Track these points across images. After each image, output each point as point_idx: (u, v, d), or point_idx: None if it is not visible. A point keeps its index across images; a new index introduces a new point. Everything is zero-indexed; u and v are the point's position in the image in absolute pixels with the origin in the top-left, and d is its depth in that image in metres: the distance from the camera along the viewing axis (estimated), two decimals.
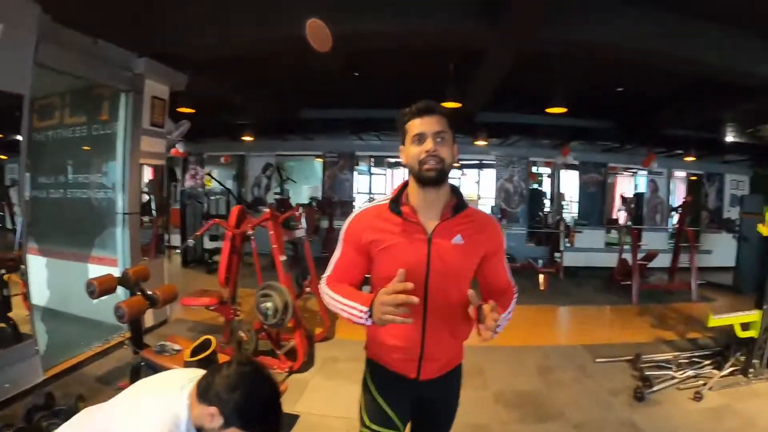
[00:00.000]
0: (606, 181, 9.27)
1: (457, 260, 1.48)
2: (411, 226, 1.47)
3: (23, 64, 3.13)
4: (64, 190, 4.69)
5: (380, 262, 1.50)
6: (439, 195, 1.47)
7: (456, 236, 1.47)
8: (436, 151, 1.39)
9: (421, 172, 1.41)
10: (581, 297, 6.72)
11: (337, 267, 1.58)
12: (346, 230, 1.56)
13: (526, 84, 5.90)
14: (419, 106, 1.44)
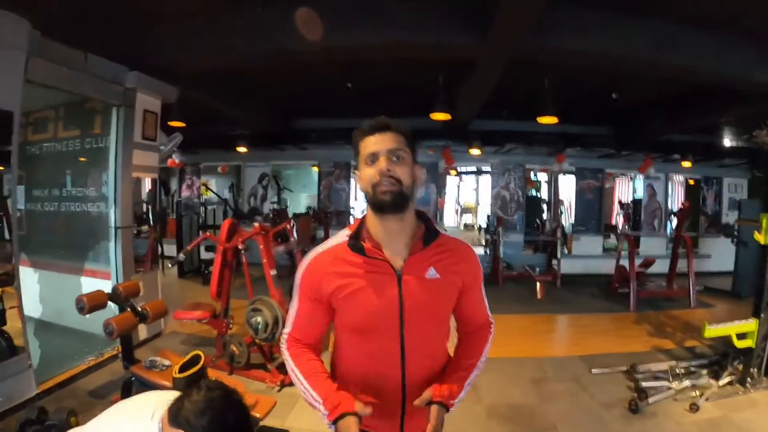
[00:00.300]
0: (603, 186, 9.24)
1: (433, 297, 1.31)
2: (376, 264, 1.28)
3: (13, 82, 3.15)
4: (58, 203, 4.70)
5: (345, 310, 1.31)
6: (404, 224, 1.29)
7: (429, 269, 1.30)
8: (390, 171, 1.22)
9: (375, 196, 1.23)
10: (578, 305, 6.67)
11: (297, 323, 1.39)
12: (302, 281, 1.36)
13: (519, 91, 5.92)
14: (371, 123, 1.28)
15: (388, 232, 1.29)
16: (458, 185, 15.54)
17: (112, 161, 4.37)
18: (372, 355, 1.32)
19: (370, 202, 1.26)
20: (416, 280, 1.29)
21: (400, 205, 1.24)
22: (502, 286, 7.82)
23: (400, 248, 1.30)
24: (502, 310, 6.25)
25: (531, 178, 10.84)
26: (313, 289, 1.32)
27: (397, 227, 1.29)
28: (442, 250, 1.34)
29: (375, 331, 1.29)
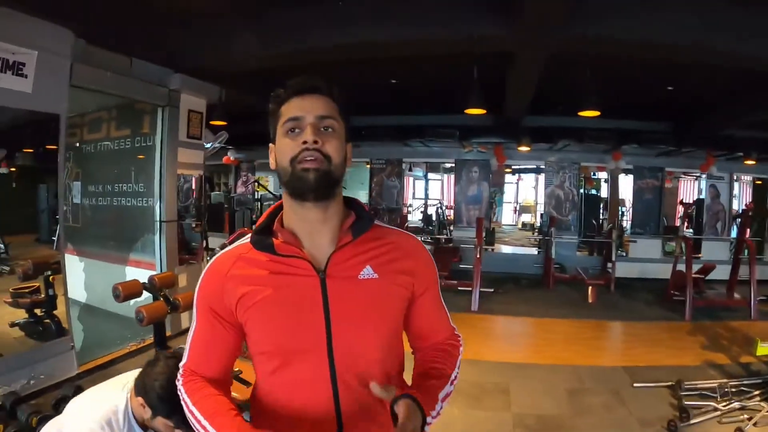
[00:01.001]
0: (663, 186, 8.57)
1: (371, 303, 0.99)
2: (291, 264, 0.98)
3: (59, 87, 3.42)
4: (110, 198, 5.06)
5: (252, 327, 0.99)
6: (330, 213, 0.99)
7: (365, 268, 1.00)
8: (317, 143, 0.93)
9: (294, 174, 0.93)
10: (630, 312, 6.23)
11: (193, 349, 1.05)
12: (199, 289, 1.04)
13: (570, 86, 5.60)
14: (296, 81, 0.99)
15: (308, 222, 0.99)
16: (517, 183, 15.12)
17: (157, 159, 4.64)
18: (294, 387, 0.99)
19: (287, 184, 0.96)
20: (346, 282, 0.98)
21: (327, 188, 0.95)
22: (552, 288, 7.46)
23: (325, 243, 1.00)
24: (548, 314, 6.02)
25: (590, 177, 10.31)
26: (211, 301, 1.01)
27: (320, 216, 0.98)
28: (382, 243, 1.04)
29: (294, 353, 0.98)
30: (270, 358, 0.99)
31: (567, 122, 7.32)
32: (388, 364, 1.04)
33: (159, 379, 1.43)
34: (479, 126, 7.84)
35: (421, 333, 1.13)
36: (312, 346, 0.96)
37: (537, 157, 8.83)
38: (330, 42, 4.29)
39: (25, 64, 3.16)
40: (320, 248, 0.99)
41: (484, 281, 6.53)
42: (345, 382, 0.97)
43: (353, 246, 1.00)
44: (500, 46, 4.25)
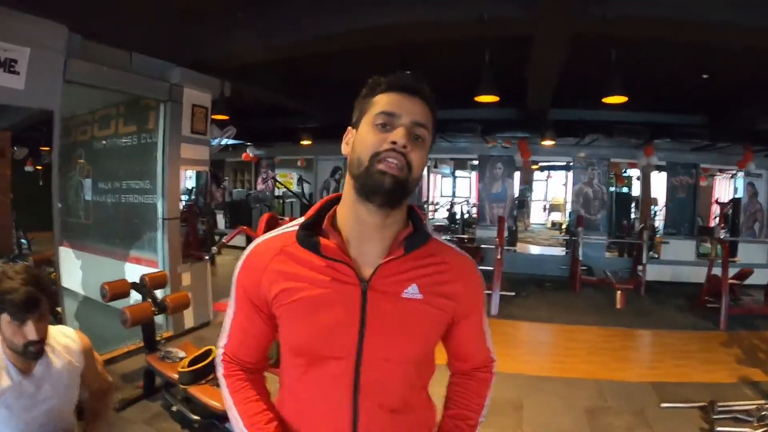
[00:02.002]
0: (697, 184, 8.03)
1: (411, 323, 0.95)
2: (335, 267, 0.94)
3: (52, 83, 3.38)
4: (118, 195, 5.04)
5: (286, 325, 0.99)
6: (388, 221, 0.94)
7: (410, 286, 0.95)
8: (406, 148, 0.88)
9: (370, 172, 0.88)
10: (661, 319, 5.81)
11: (233, 333, 1.06)
12: (238, 277, 1.03)
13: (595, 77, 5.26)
14: (402, 77, 0.93)
15: (363, 225, 0.94)
16: (546, 181, 14.63)
17: (160, 155, 4.56)
18: (316, 392, 0.97)
19: (358, 177, 0.90)
20: (388, 297, 0.94)
21: (398, 196, 0.90)
22: (578, 292, 7.10)
23: (375, 251, 0.96)
24: (572, 320, 5.69)
25: (621, 174, 9.80)
26: (250, 289, 1.00)
27: (377, 222, 0.93)
28: (432, 261, 0.99)
29: (321, 358, 0.95)
30: (296, 357, 0.98)
31: (594, 115, 6.94)
32: (413, 380, 1.01)
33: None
34: (502, 120, 7.56)
35: (459, 355, 1.13)
36: (340, 354, 0.93)
37: (564, 153, 8.44)
38: (338, 29, 4.09)
39: (17, 60, 3.13)
40: (369, 256, 0.96)
41: (506, 283, 6.24)
42: (365, 395, 0.94)
43: (403, 261, 0.96)
44: (515, 29, 3.95)
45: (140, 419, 3.11)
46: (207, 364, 3.03)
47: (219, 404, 2.80)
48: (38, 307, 1.46)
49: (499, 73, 4.89)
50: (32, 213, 3.99)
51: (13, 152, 3.89)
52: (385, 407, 0.95)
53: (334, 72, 6.28)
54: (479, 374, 1.15)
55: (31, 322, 1.45)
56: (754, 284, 6.37)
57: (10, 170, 3.83)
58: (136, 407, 3.26)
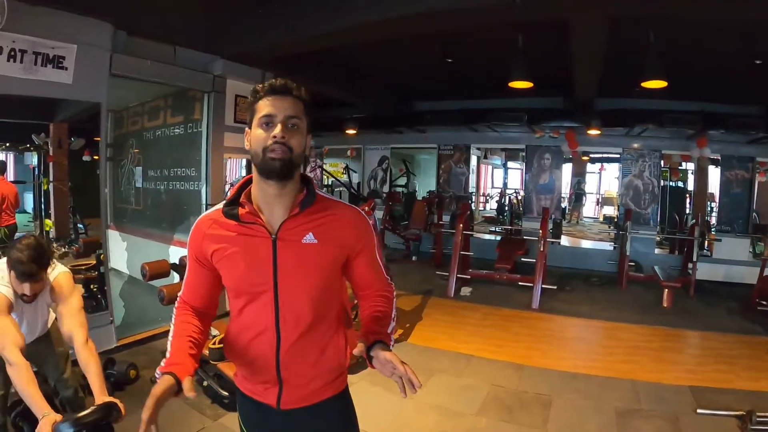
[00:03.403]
0: (753, 179, 7.42)
1: (310, 263, 1.28)
2: (251, 228, 1.27)
3: (99, 77, 3.63)
4: (166, 182, 5.34)
5: (224, 274, 1.32)
6: (286, 190, 1.26)
7: (307, 234, 1.27)
8: (284, 138, 1.18)
9: (264, 160, 1.19)
10: (708, 321, 5.47)
11: (186, 286, 1.42)
12: (189, 242, 1.38)
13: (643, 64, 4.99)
14: (273, 83, 1.23)
15: (269, 196, 1.26)
16: (599, 173, 13.98)
17: (203, 144, 4.79)
18: (249, 321, 1.31)
19: (258, 166, 1.23)
20: (292, 245, 1.27)
21: (288, 172, 1.22)
22: (624, 288, 6.82)
23: (279, 213, 1.27)
24: (614, 317, 5.51)
25: (676, 168, 9.21)
26: (195, 250, 1.34)
27: (276, 192, 1.25)
28: (324, 215, 1.30)
29: (251, 294, 1.29)
30: (236, 296, 1.31)
31: (644, 104, 6.60)
32: (319, 306, 1.31)
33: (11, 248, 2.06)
34: (548, 109, 7.36)
35: (361, 284, 1.42)
36: (263, 288, 1.26)
37: (615, 144, 8.08)
38: (372, 17, 4.08)
39: (64, 57, 3.38)
40: (275, 217, 1.27)
41: (550, 277, 6.10)
42: (284, 317, 1.28)
43: (300, 216, 1.27)
44: (550, 12, 3.82)
45: None
46: None
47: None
48: (34, 278, 2.04)
49: (545, 61, 4.74)
50: (89, 200, 4.31)
51: (70, 143, 4.21)
52: (300, 324, 1.28)
53: (376, 62, 6.31)
54: (382, 291, 1.42)
55: (29, 284, 2.04)
56: None
57: (67, 160, 4.16)
58: None
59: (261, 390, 1.36)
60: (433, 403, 3.35)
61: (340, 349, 1.38)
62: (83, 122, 4.20)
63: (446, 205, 9.17)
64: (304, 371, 1.33)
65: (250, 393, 1.39)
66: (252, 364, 1.33)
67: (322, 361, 1.34)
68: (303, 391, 1.34)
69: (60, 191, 4.32)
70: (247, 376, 1.38)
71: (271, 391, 1.34)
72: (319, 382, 1.36)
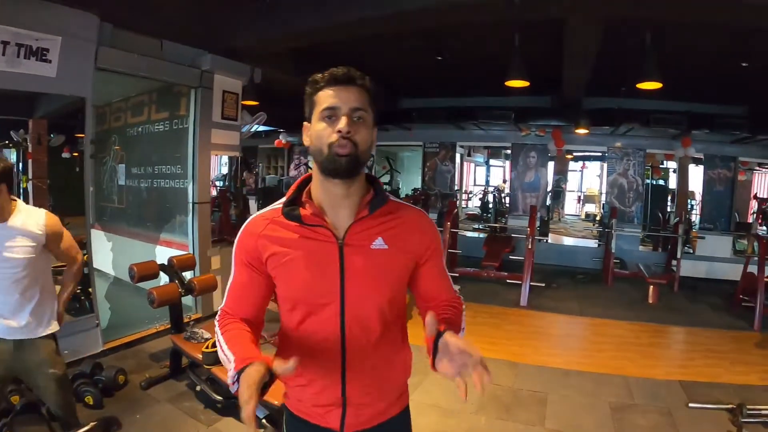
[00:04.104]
0: (735, 178, 7.63)
1: (381, 269, 1.16)
2: (315, 231, 1.15)
3: (84, 71, 3.48)
4: (150, 180, 5.18)
5: (280, 282, 1.18)
6: (352, 189, 1.15)
7: (377, 239, 1.16)
8: (350, 133, 1.07)
9: (329, 158, 1.08)
10: (694, 316, 5.60)
11: (231, 294, 1.24)
12: (237, 245, 1.22)
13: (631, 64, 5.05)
14: (334, 72, 1.11)
15: (334, 197, 1.15)
16: (581, 171, 14.18)
17: (190, 140, 4.66)
18: (310, 336, 1.18)
19: (321, 164, 1.11)
20: (360, 250, 1.15)
21: (354, 170, 1.11)
22: (610, 285, 6.91)
23: (345, 215, 1.17)
24: (602, 313, 5.57)
25: (658, 166, 9.41)
26: (247, 253, 1.18)
27: (344, 192, 1.14)
28: (394, 217, 1.20)
29: (313, 305, 1.16)
30: (294, 308, 1.18)
31: (630, 104, 6.69)
32: (386, 315, 1.20)
33: None
34: (536, 108, 7.40)
35: (427, 295, 1.29)
36: (328, 300, 1.14)
37: (599, 143, 8.18)
38: (367, 13, 4.04)
39: (48, 49, 3.23)
40: (341, 219, 1.16)
41: (537, 274, 6.14)
42: (351, 331, 1.16)
43: (369, 219, 1.17)
44: (547, 11, 3.82)
45: (165, 398, 3.22)
46: None
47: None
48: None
49: (533, 60, 4.76)
50: (68, 198, 4.16)
51: (50, 139, 4.05)
52: (368, 338, 1.18)
53: (366, 58, 6.23)
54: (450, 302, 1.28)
55: None
56: None
57: (46, 157, 4.00)
58: (162, 386, 3.37)
59: (321, 413, 1.22)
60: (431, 402, 3.32)
61: (406, 364, 1.30)
62: (63, 118, 4.05)
63: (432, 203, 9.15)
64: (372, 390, 1.21)
65: (306, 416, 1.24)
66: (312, 384, 1.20)
67: (389, 378, 1.25)
68: (369, 411, 1.22)
69: (39, 189, 4.15)
70: (302, 397, 1.23)
71: (333, 413, 1.21)
72: (385, 400, 1.25)
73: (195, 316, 4.66)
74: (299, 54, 5.52)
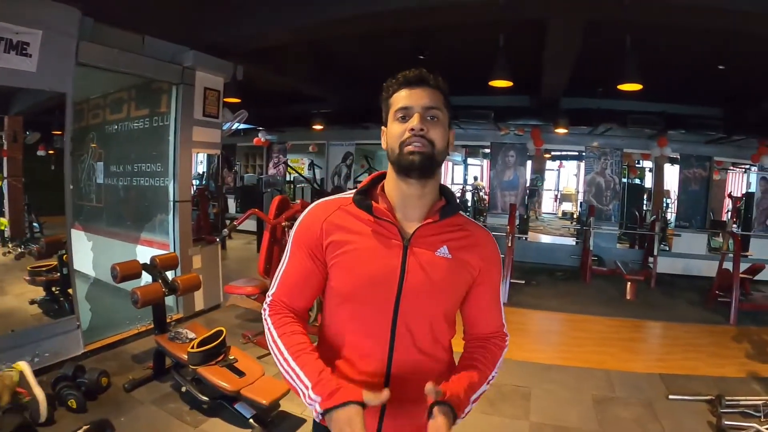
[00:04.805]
0: (710, 177, 7.88)
1: (441, 278, 1.13)
2: (383, 226, 1.13)
3: (65, 66, 3.38)
4: (130, 178, 5.06)
5: (337, 272, 1.14)
6: (425, 191, 1.13)
7: (442, 247, 1.14)
8: (423, 130, 1.07)
9: (402, 156, 1.08)
10: (671, 312, 5.74)
11: (286, 282, 1.19)
12: (298, 230, 1.19)
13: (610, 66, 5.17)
14: (408, 74, 1.12)
15: (406, 196, 1.14)
16: (558, 171, 14.46)
17: (171, 138, 4.56)
18: (359, 332, 1.15)
19: (395, 162, 1.11)
20: (425, 254, 1.13)
21: (429, 169, 1.10)
22: (588, 282, 7.04)
23: (415, 216, 1.15)
24: (582, 310, 5.67)
25: (634, 165, 9.66)
26: (310, 240, 1.15)
27: (417, 192, 1.13)
28: (460, 229, 1.18)
29: (366, 302, 1.12)
30: (342, 302, 1.15)
31: (609, 104, 6.85)
32: (438, 330, 1.17)
33: None
34: (515, 107, 7.48)
35: (473, 321, 1.25)
36: (382, 299, 1.11)
37: (577, 142, 8.33)
38: (351, 12, 4.04)
39: (29, 43, 3.13)
40: (410, 219, 1.15)
41: (516, 272, 6.21)
42: (401, 340, 1.12)
43: (438, 225, 1.15)
44: (530, 12, 3.88)
45: (149, 399, 3.15)
46: (216, 344, 3.06)
47: (228, 385, 2.85)
48: None
49: (514, 60, 4.82)
50: (44, 197, 4.06)
51: (25, 137, 3.94)
52: (416, 347, 1.13)
53: (348, 57, 6.23)
54: (493, 340, 1.25)
55: None
56: (765, 280, 6.31)
57: (21, 155, 3.89)
58: (146, 388, 3.30)
59: None
60: None
61: None
62: (38, 115, 3.94)
63: None
64: (412, 402, 1.11)
65: None
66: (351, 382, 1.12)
67: None
68: (407, 424, 1.15)
69: (15, 188, 4.04)
70: None
71: (369, 422, 1.06)
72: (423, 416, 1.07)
73: (176, 317, 4.58)
74: (281, 51, 5.48)
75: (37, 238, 4.23)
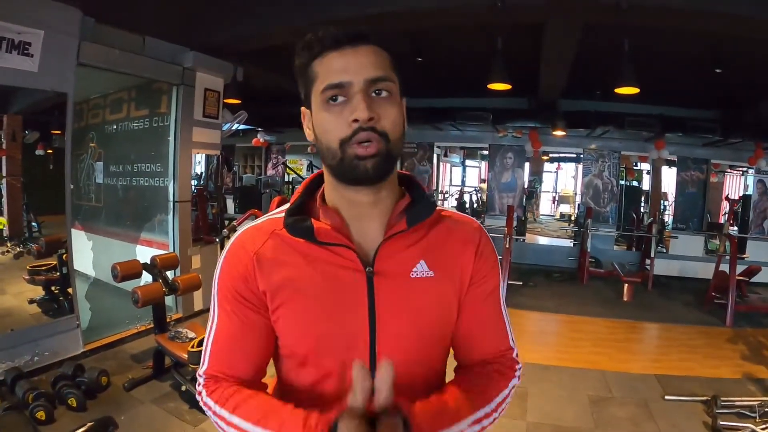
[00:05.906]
0: (707, 180, 7.92)
1: (423, 309, 0.81)
2: (335, 252, 0.79)
3: (66, 66, 3.40)
4: (130, 178, 5.07)
5: (284, 329, 0.81)
6: (382, 194, 0.80)
7: (418, 263, 0.81)
8: (373, 119, 0.72)
9: (346, 161, 0.74)
10: (668, 313, 5.78)
11: (215, 349, 0.83)
12: (220, 272, 0.84)
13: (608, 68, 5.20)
14: (334, 32, 0.75)
15: (357, 205, 0.80)
16: (556, 172, 14.52)
17: (171, 138, 4.58)
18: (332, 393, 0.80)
19: (334, 168, 0.76)
20: (397, 279, 0.80)
21: (385, 172, 0.76)
22: (585, 283, 7.07)
23: (374, 229, 0.81)
24: (578, 311, 5.70)
25: (632, 168, 9.71)
26: (236, 284, 0.81)
27: (370, 199, 0.79)
28: (438, 231, 0.84)
29: (328, 364, 0.80)
30: (297, 366, 0.83)
31: (606, 107, 6.87)
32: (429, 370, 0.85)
33: None
34: (513, 109, 7.49)
35: (468, 342, 0.88)
36: (355, 355, 0.74)
37: (575, 145, 8.35)
38: (350, 13, 4.07)
39: (30, 43, 3.15)
40: (368, 236, 0.81)
41: (513, 273, 6.24)
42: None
43: (407, 235, 0.81)
44: (529, 16, 3.92)
45: (149, 399, 3.17)
46: None
47: None
48: None
49: (511, 63, 4.85)
50: (43, 196, 4.06)
51: (24, 136, 3.94)
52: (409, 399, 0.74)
53: None
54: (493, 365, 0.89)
55: None
56: (761, 282, 6.37)
57: (20, 154, 3.89)
58: (146, 387, 3.32)
59: None
60: None
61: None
62: (37, 114, 3.94)
63: None
64: None
65: None
66: None
67: None
68: None
69: (13, 187, 4.03)
70: None
71: None
72: None
73: (176, 316, 4.60)
74: (282, 52, 5.48)
75: (35, 237, 4.23)
